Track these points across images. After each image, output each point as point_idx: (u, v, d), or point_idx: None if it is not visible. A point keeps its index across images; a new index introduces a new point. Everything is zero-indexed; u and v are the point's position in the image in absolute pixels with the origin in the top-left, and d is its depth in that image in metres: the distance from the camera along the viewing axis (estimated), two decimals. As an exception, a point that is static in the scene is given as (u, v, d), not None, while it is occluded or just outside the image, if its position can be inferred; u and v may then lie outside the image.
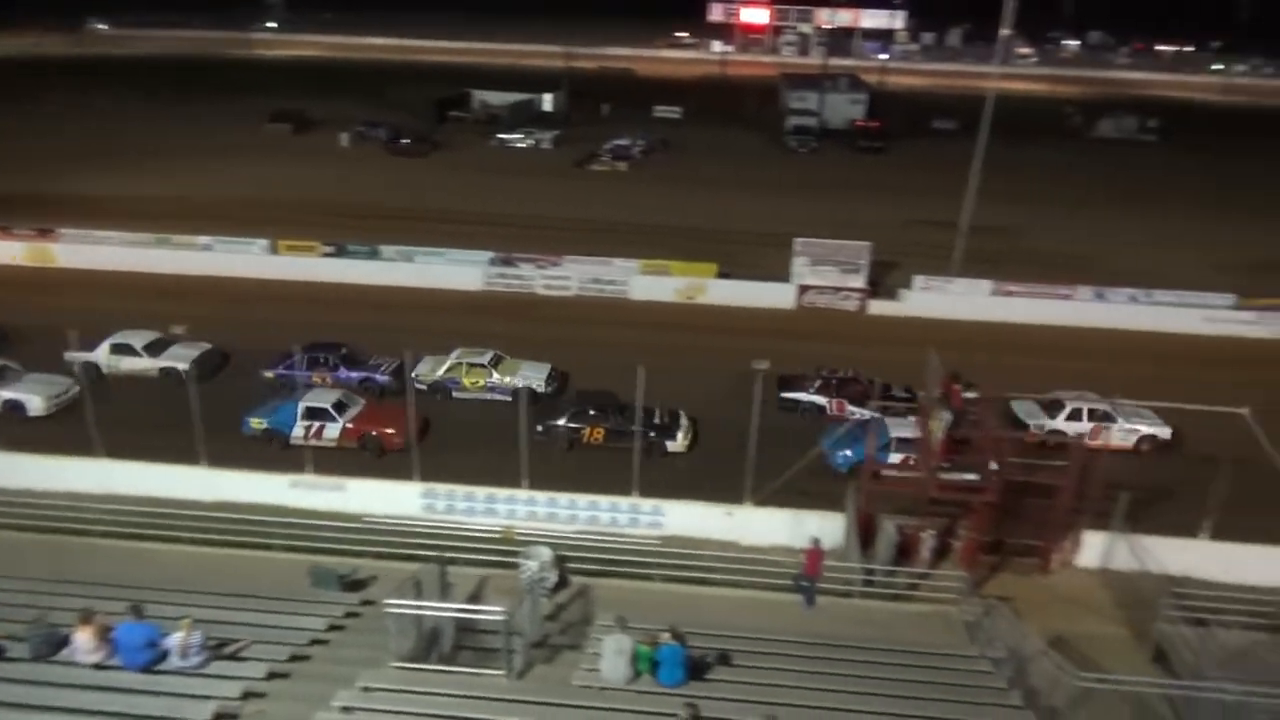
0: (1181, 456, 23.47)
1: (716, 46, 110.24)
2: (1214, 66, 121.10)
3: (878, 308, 34.12)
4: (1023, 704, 14.33)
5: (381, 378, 25.95)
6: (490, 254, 35.60)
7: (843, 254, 34.27)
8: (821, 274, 34.33)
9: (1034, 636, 15.87)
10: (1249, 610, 17.76)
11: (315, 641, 15.02)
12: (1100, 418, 24.33)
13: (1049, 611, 18.03)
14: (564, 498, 20.70)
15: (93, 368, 25.80)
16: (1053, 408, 24.79)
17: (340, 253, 35.83)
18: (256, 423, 23.27)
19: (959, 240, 34.46)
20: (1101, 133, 73.92)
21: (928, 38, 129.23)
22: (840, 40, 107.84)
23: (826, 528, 19.49)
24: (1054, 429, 24.17)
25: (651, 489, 20.61)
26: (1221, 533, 18.98)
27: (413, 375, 25.41)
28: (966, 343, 29.00)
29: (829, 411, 25.17)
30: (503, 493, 20.70)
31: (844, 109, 71.13)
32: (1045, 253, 40.94)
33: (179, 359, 25.93)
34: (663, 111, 72.47)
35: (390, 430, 23.10)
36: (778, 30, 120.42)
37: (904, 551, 19.00)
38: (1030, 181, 53.36)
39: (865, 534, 19.13)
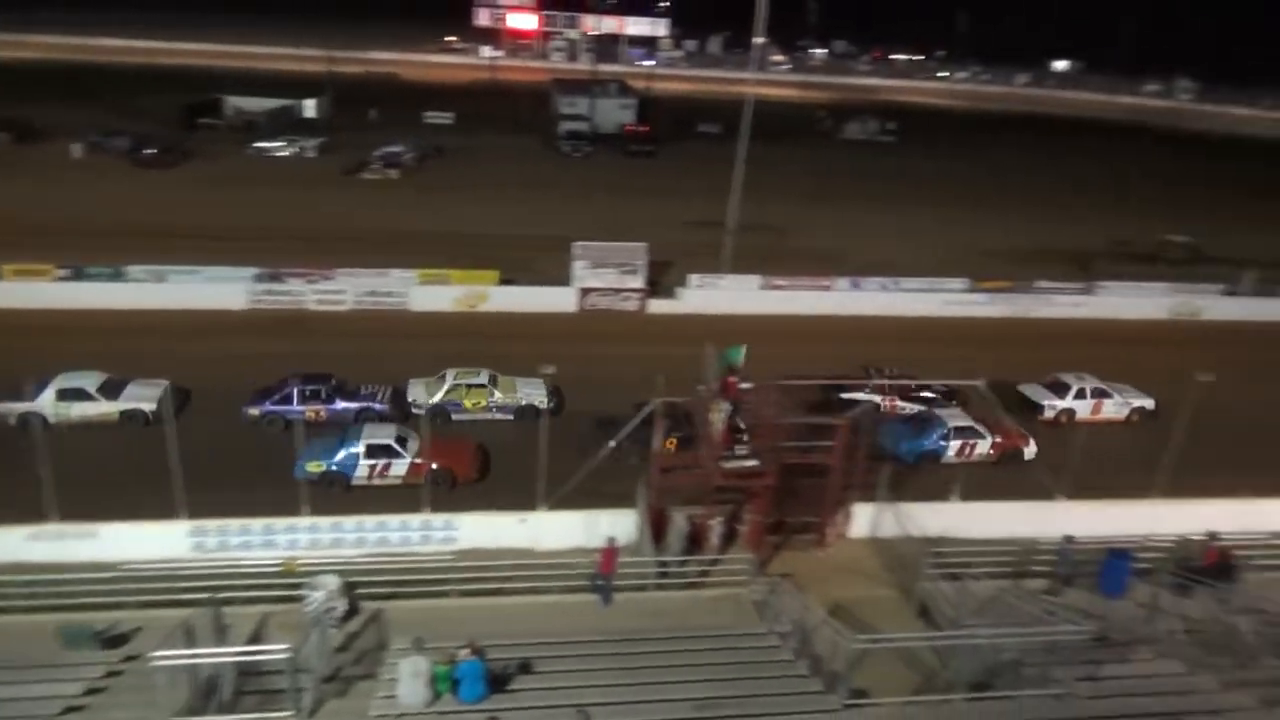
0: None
1: (486, 51, 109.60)
2: (939, 74, 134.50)
3: (657, 307, 35.12)
4: (808, 672, 15.25)
5: (379, 406, 24.74)
6: (254, 270, 33.44)
7: (621, 256, 35.00)
8: (601, 276, 34.90)
9: (815, 607, 16.92)
10: (995, 561, 19.85)
11: (70, 709, 13.53)
12: (1099, 394, 27.74)
13: (828, 582, 19.30)
14: (350, 521, 19.84)
15: (35, 418, 22.93)
16: (1059, 389, 27.87)
17: (78, 275, 32.43)
18: (315, 466, 21.72)
19: (727, 238, 36.13)
20: (849, 135, 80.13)
21: (690, 45, 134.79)
22: (607, 46, 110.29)
23: (620, 525, 19.85)
24: (1065, 408, 27.47)
25: (447, 504, 20.17)
26: (970, 493, 21.04)
27: (410, 400, 24.72)
28: (741, 335, 30.33)
29: (883, 408, 26.26)
30: (281, 522, 19.54)
31: (614, 114, 72.77)
32: (806, 247, 43.75)
33: (141, 399, 23.96)
34: (434, 117, 71.08)
35: (461, 462, 22.46)
36: (546, 36, 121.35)
37: (695, 541, 19.70)
38: (789, 181, 56.86)
39: (658, 528, 19.65)
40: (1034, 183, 64.64)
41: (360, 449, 22.06)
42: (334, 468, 21.92)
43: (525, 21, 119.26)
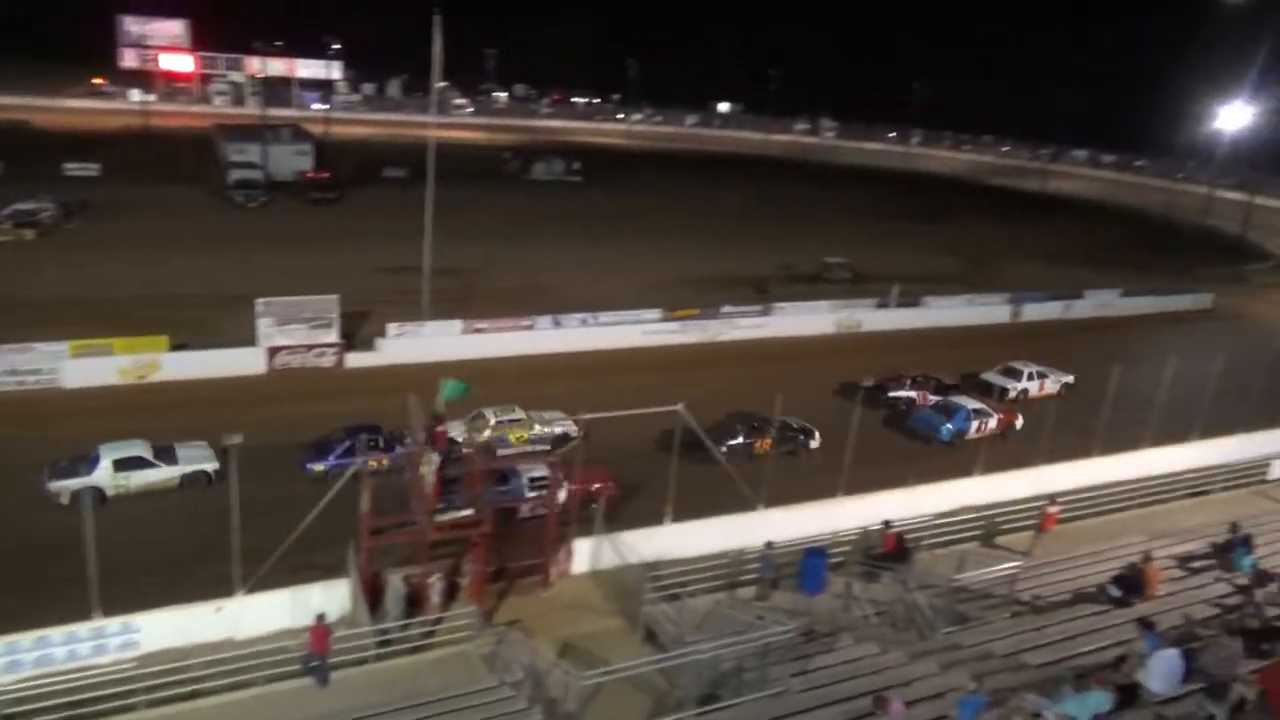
0: (652, 457, 26.73)
1: (136, 95, 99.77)
2: (617, 115, 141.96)
3: (355, 360, 33.62)
4: (544, 717, 15.10)
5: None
6: None
7: (310, 309, 33.13)
8: (290, 333, 32.81)
9: (545, 651, 16.83)
10: (709, 576, 20.91)
11: None
12: (1041, 376, 36.06)
13: (556, 621, 19.29)
14: (0, 643, 16.86)
15: (92, 493, 22.40)
16: (1013, 374, 36.03)
17: None
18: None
19: (424, 284, 35.46)
20: (536, 175, 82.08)
21: (368, 88, 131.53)
22: (277, 90, 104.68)
23: (333, 597, 18.58)
24: (1021, 388, 35.34)
25: (123, 603, 17.62)
26: (680, 515, 22.04)
27: (459, 441, 25.44)
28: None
29: (917, 401, 33.30)
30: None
31: (289, 160, 69.10)
32: (504, 288, 44.04)
33: (199, 460, 23.84)
34: (75, 169, 63.42)
35: (608, 485, 23.99)
36: (206, 79, 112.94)
37: (414, 602, 18.89)
38: (481, 223, 57.12)
39: (373, 593, 18.63)
40: (709, 214, 69.93)
41: (524, 483, 23.33)
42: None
43: (180, 63, 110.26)
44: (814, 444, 28.74)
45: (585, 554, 21.39)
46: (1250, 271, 69.56)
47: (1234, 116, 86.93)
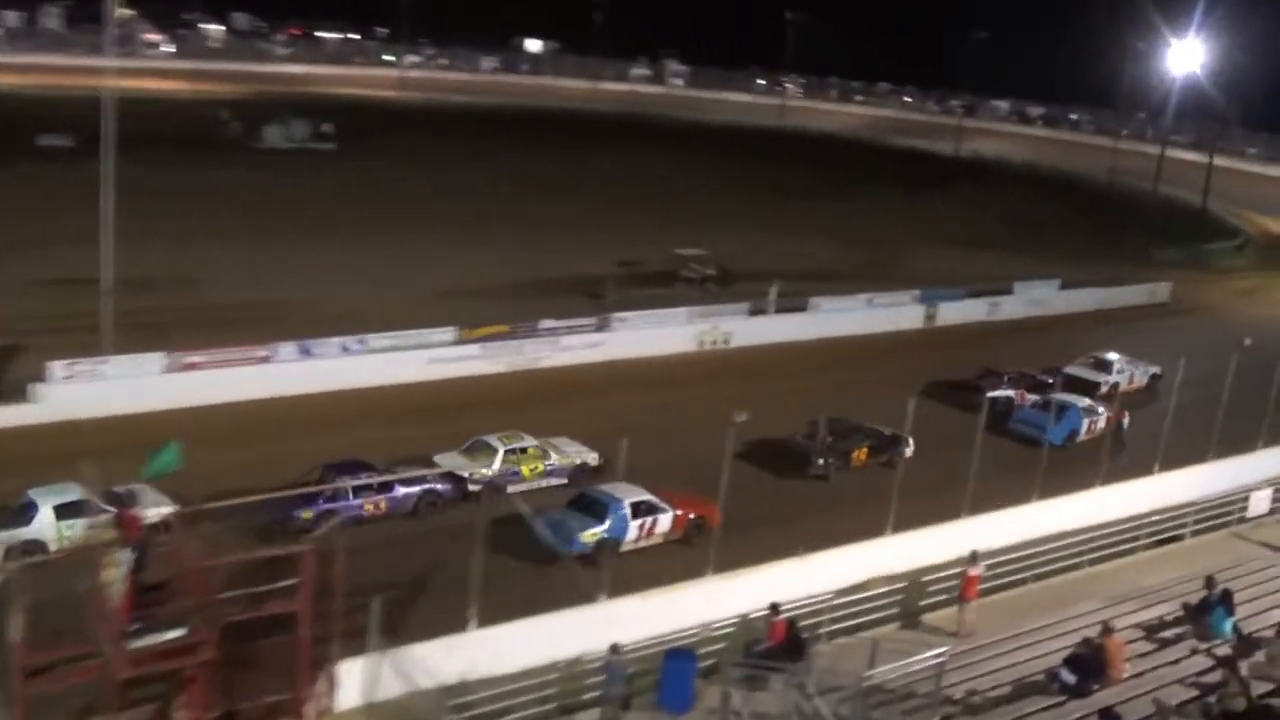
0: (429, 543, 26.33)
1: None
2: (385, 57, 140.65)
3: (1, 417, 31.71)
4: None
5: (442, 488, 28.91)
6: None
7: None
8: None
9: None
10: (534, 699, 20.75)
11: None
12: (1131, 366, 43.33)
13: (316, 782, 18.62)
14: None
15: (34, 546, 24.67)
16: (1103, 367, 42.54)
17: None
18: (590, 535, 26.63)
19: (104, 303, 33.95)
20: (269, 142, 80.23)
21: (12, 18, 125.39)
22: None
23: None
24: (1113, 382, 41.40)
25: None
26: (488, 618, 21.77)
27: (468, 475, 29.16)
28: (139, 442, 28.58)
29: (1016, 401, 38.89)
30: None
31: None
32: (230, 305, 42.69)
33: (158, 503, 25.20)
34: None
35: (711, 510, 26.40)
36: None
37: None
38: (192, 213, 55.15)
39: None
40: (520, 194, 70.18)
41: (627, 510, 27.33)
42: (610, 534, 26.92)
43: None
44: (908, 451, 31.76)
45: (356, 679, 20.81)
46: (1213, 252, 75.87)
47: (1187, 56, 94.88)
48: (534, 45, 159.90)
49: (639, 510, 27.58)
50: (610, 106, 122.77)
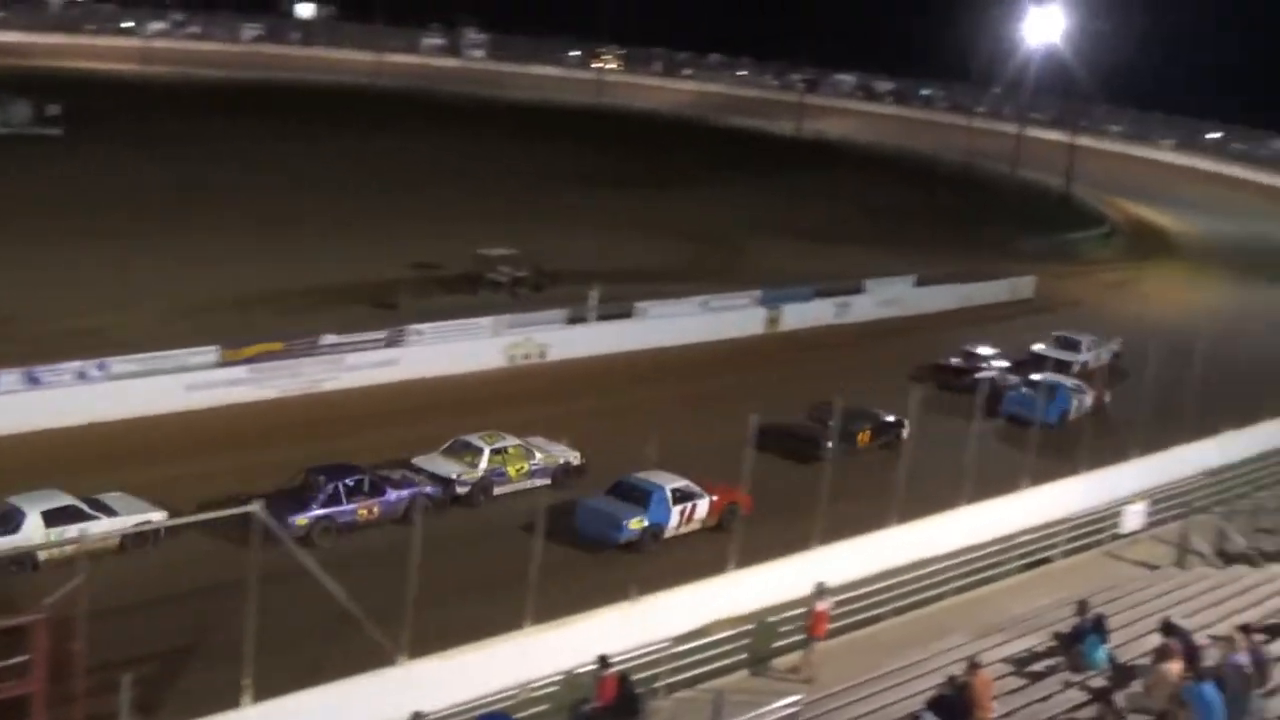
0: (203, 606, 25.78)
1: None
2: (124, 24, 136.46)
3: None
4: None
5: (431, 490, 31.22)
6: None
7: None
8: None
9: None
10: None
11: None
12: (1095, 346, 49.38)
13: None
14: None
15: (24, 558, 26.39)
16: (1071, 346, 48.81)
17: None
18: (637, 523, 30.41)
19: None
20: (-19, 127, 77.00)
21: None
22: None
23: None
24: (1083, 360, 47.55)
25: None
26: (263, 691, 21.34)
27: (454, 477, 31.98)
28: None
29: (998, 383, 43.87)
30: None
31: None
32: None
33: (138, 510, 28.33)
34: None
35: (743, 496, 30.32)
36: None
37: None
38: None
39: None
40: (293, 186, 69.08)
41: (669, 496, 31.05)
42: (652, 521, 30.64)
43: None
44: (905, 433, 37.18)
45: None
46: (1078, 242, 79.70)
47: (1046, 26, 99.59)
48: (306, 10, 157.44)
49: (679, 496, 31.23)
50: (398, 82, 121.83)
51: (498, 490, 32.81)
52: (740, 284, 54.32)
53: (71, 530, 26.67)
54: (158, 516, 28.17)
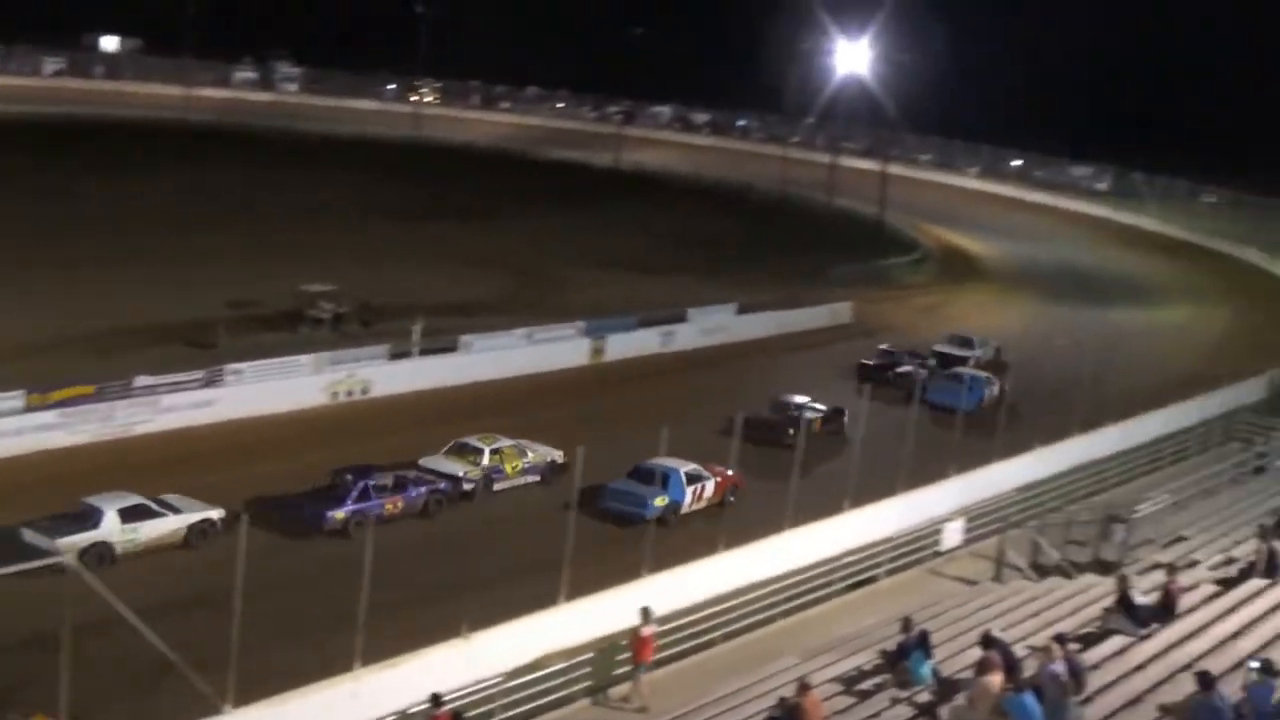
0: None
1: None
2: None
3: None
4: None
5: (444, 486, 35.54)
6: None
7: None
8: None
9: None
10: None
11: None
12: (984, 344, 57.38)
13: None
14: None
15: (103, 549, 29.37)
16: (967, 344, 56.68)
17: None
18: (660, 500, 35.29)
19: None
20: None
21: None
22: None
23: None
24: (976, 356, 55.55)
25: None
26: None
27: (462, 475, 36.13)
28: None
29: (914, 376, 50.35)
30: None
31: None
32: None
33: (199, 508, 31.86)
34: None
35: (738, 478, 37.34)
36: None
37: None
38: None
39: None
40: (100, 223, 66.88)
41: (683, 477, 35.84)
42: (672, 499, 35.49)
43: None
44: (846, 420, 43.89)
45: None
46: (892, 268, 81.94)
47: (854, 59, 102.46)
48: (110, 44, 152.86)
49: (691, 478, 36.23)
50: (210, 116, 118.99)
51: (497, 486, 37.08)
52: (564, 315, 54.42)
53: (144, 526, 30.57)
54: (215, 514, 31.73)
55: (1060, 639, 21.10)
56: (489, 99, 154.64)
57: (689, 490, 35.98)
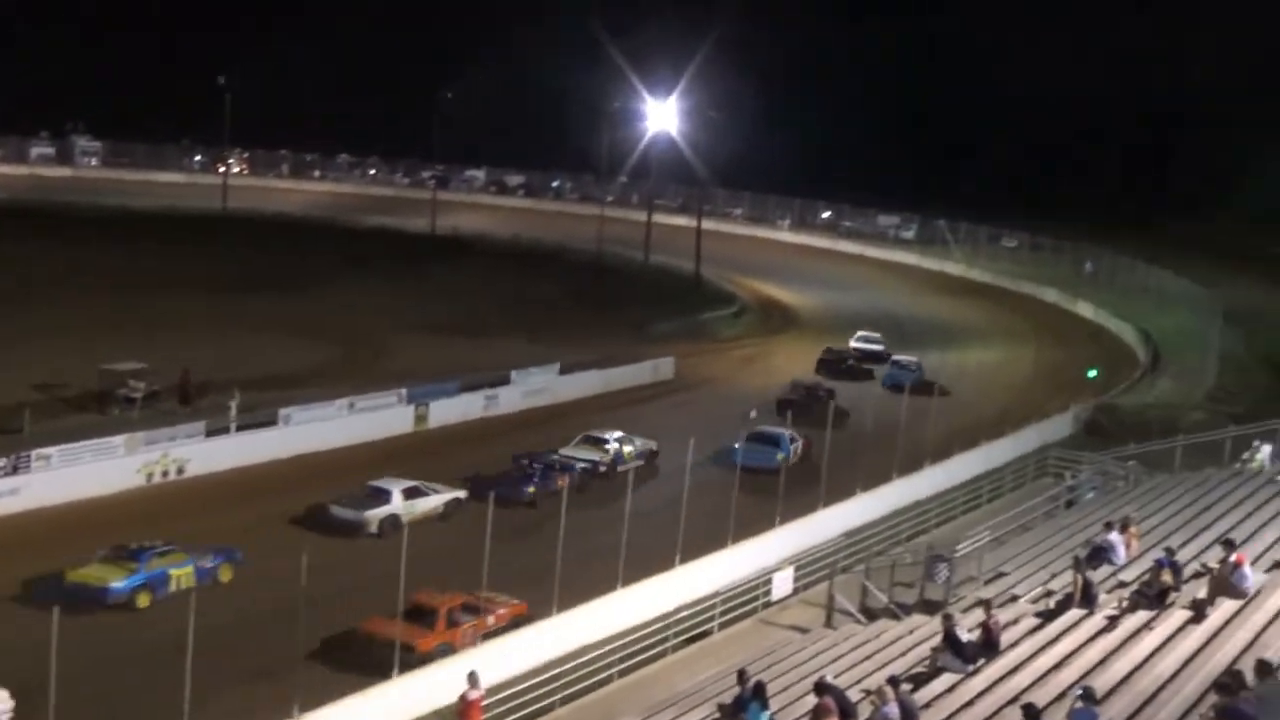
0: None
1: None
2: None
3: None
4: None
5: (582, 465, 45.55)
6: None
7: None
8: None
9: None
10: None
11: None
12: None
13: None
14: None
15: (395, 519, 38.52)
16: (871, 340, 75.53)
17: None
18: (780, 456, 46.79)
19: None
20: None
21: None
22: None
23: None
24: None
25: None
26: None
27: (598, 460, 46.77)
28: None
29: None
30: None
31: None
32: None
33: (449, 490, 42.03)
34: None
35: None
36: None
37: None
38: None
39: None
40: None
41: (788, 439, 48.35)
42: (783, 455, 46.98)
43: None
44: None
45: None
46: (711, 322, 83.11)
47: (664, 118, 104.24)
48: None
49: (792, 439, 48.23)
50: (4, 194, 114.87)
51: (620, 468, 45.69)
52: (386, 382, 53.75)
53: (419, 503, 40.00)
54: (462, 494, 41.64)
55: (892, 681, 21.51)
56: (299, 167, 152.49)
57: (792, 448, 48.07)
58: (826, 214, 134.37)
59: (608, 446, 47.35)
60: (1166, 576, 26.39)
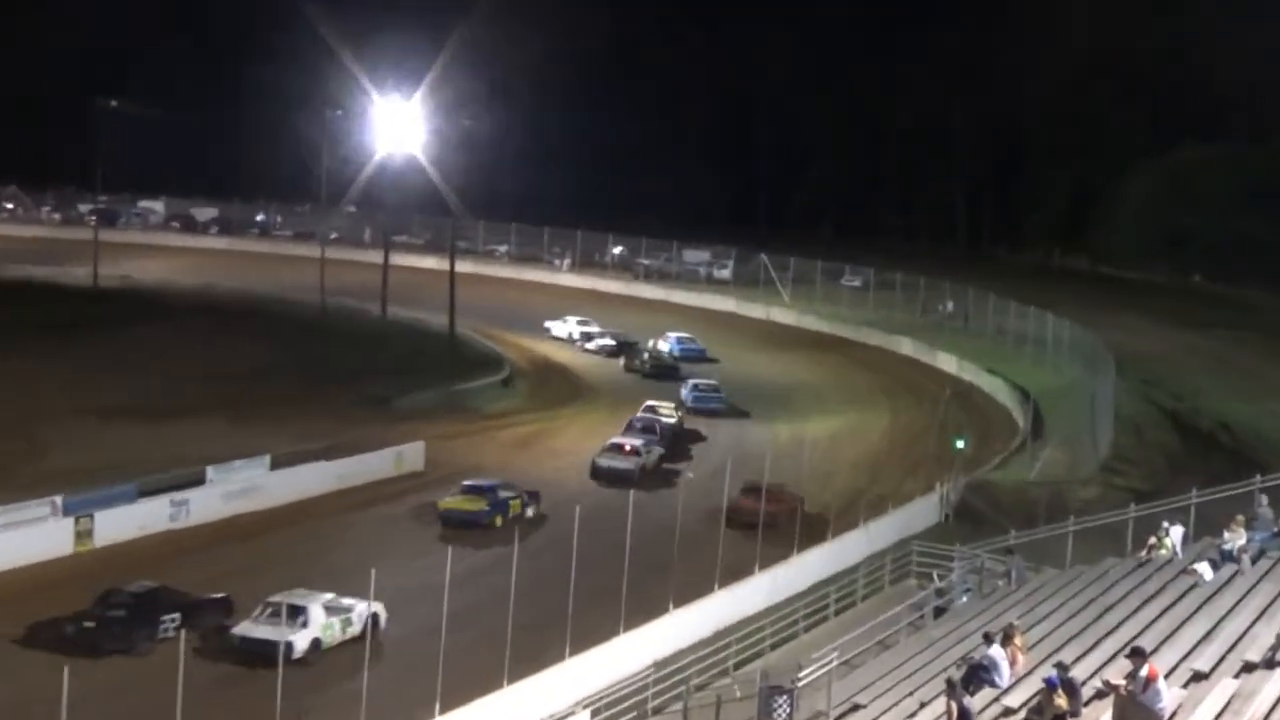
0: None
1: None
2: None
3: None
4: None
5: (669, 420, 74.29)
6: None
7: None
8: None
9: None
10: None
11: None
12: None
13: None
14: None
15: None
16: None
17: None
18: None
19: None
20: None
21: None
22: None
23: None
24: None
25: None
26: None
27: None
28: None
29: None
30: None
31: None
32: None
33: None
34: None
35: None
36: None
37: None
38: None
39: None
40: None
41: None
42: None
43: None
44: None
45: None
46: (472, 393, 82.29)
47: (401, 133, 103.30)
48: None
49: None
50: None
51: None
52: (34, 489, 51.54)
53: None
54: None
55: None
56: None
57: None
58: (618, 249, 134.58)
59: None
60: (1060, 699, 26.70)
